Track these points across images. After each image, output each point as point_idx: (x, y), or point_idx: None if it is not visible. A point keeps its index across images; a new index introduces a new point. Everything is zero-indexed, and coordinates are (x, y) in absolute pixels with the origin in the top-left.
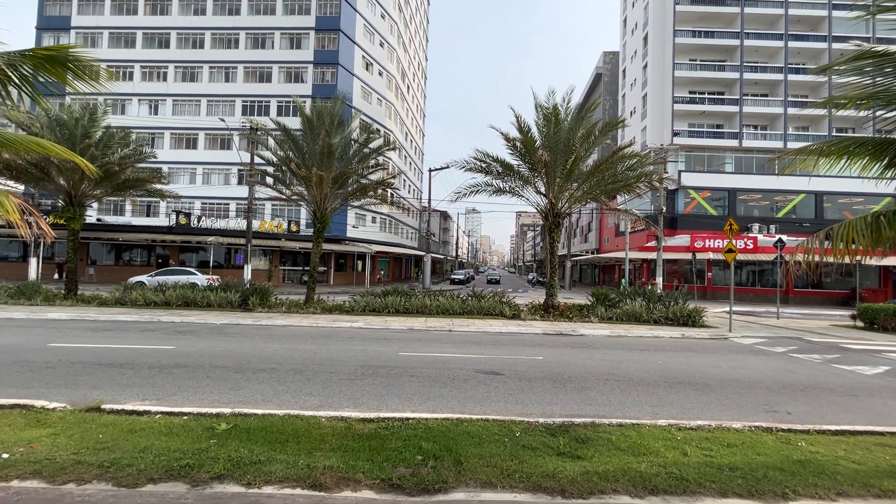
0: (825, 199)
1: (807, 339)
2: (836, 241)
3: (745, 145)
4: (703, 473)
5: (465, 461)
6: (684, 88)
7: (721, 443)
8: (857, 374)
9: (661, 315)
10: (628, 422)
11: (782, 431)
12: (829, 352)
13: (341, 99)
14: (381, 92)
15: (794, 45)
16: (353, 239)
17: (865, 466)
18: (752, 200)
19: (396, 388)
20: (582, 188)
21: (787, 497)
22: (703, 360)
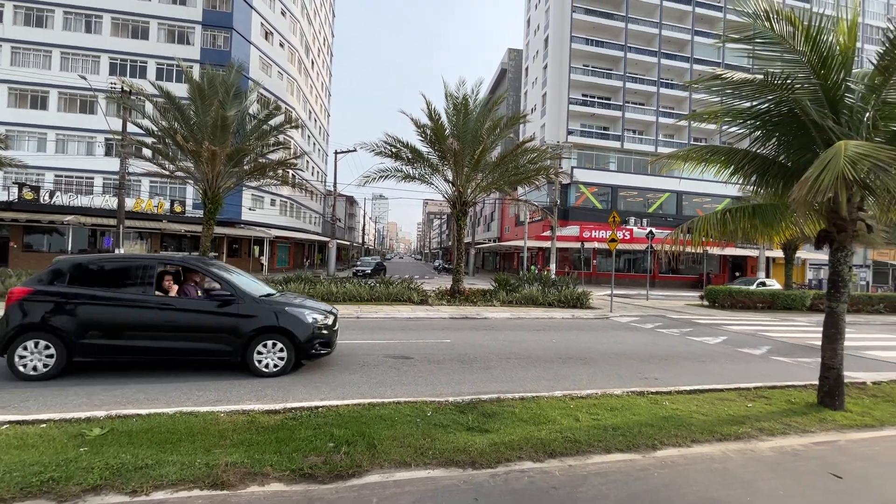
0: (684, 198)
1: (668, 316)
2: (696, 232)
3: (626, 147)
4: (592, 435)
5: (379, 444)
6: (578, 91)
7: (606, 407)
8: (704, 344)
9: (555, 298)
10: (529, 395)
11: (651, 394)
12: (685, 326)
13: (237, 68)
14: (282, 65)
15: (665, 62)
16: (249, 222)
17: (711, 417)
18: (630, 197)
19: (303, 377)
20: (488, 178)
21: (656, 447)
22: (589, 337)
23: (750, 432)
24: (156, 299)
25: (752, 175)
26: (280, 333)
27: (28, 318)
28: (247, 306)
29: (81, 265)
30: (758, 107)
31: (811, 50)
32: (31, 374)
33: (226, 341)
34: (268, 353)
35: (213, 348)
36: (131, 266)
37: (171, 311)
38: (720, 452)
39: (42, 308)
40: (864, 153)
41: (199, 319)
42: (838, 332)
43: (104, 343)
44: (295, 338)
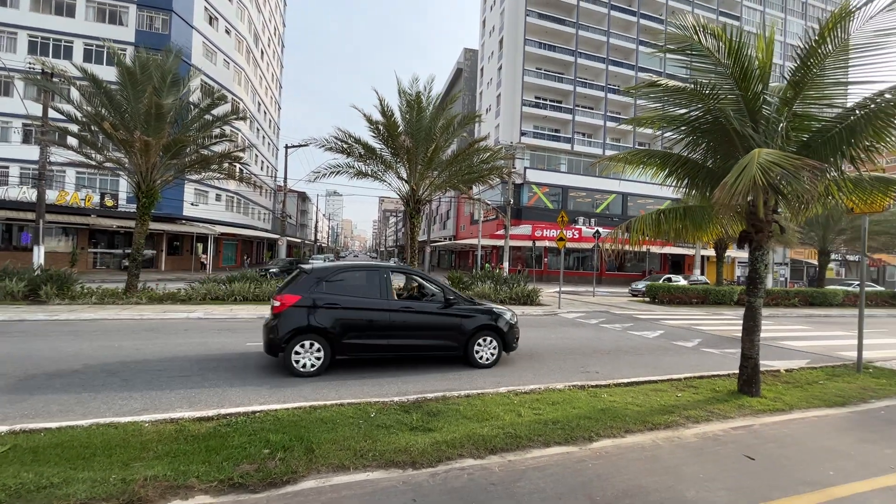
0: (629, 199)
1: (612, 312)
2: (634, 232)
3: (576, 149)
4: (532, 430)
5: (318, 448)
6: (531, 93)
7: (548, 402)
8: (643, 338)
9: (506, 296)
10: (475, 392)
11: (591, 387)
12: (626, 321)
13: (176, 52)
14: (228, 53)
15: (613, 69)
16: (191, 218)
17: (644, 407)
18: (580, 197)
19: (240, 380)
20: (442, 176)
21: (592, 439)
22: (538, 333)
23: (678, 420)
24: (398, 303)
25: (683, 178)
26: (493, 331)
27: (300, 323)
28: (466, 308)
29: (334, 271)
30: (689, 114)
31: (734, 63)
32: (302, 371)
33: (453, 338)
34: (483, 347)
35: (443, 344)
36: (374, 274)
37: (411, 313)
38: (650, 441)
39: (311, 312)
40: (774, 161)
41: (432, 320)
42: (755, 325)
43: (360, 342)
44: (504, 334)
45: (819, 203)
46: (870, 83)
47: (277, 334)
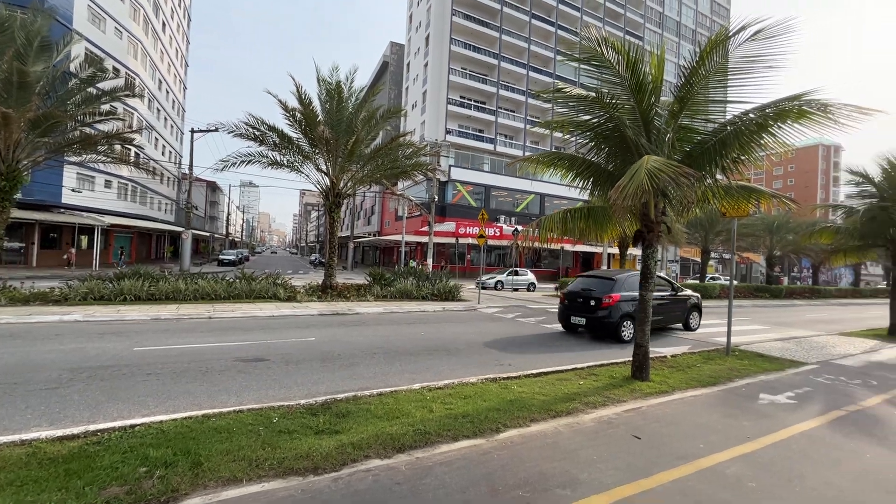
0: (546, 199)
1: (528, 306)
2: (543, 230)
3: (498, 150)
4: (443, 425)
5: (207, 461)
6: (457, 93)
7: (460, 396)
8: (555, 331)
9: (429, 292)
10: (388, 390)
11: (503, 380)
12: (540, 315)
13: (45, 11)
14: (121, 21)
15: (533, 75)
16: (73, 207)
17: (549, 396)
18: (502, 196)
19: (124, 391)
20: (364, 170)
21: (500, 430)
22: (457, 329)
23: (578, 407)
24: (664, 294)
25: (588, 180)
26: (697, 309)
27: (625, 311)
28: (684, 295)
29: (630, 278)
30: (592, 120)
31: (631, 76)
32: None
33: (679, 316)
34: (693, 320)
35: (677, 319)
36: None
37: (666, 300)
38: (553, 428)
39: (629, 305)
40: (659, 167)
41: (673, 305)
42: (646, 316)
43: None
44: (701, 311)
45: (698, 207)
46: (740, 103)
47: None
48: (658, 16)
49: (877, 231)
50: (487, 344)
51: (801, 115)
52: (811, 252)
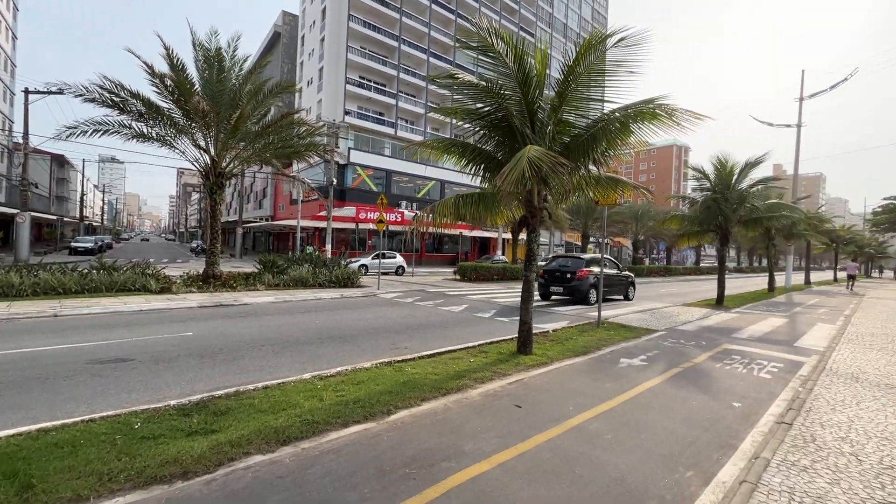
0: (447, 186)
1: (427, 290)
2: (436, 215)
3: (399, 135)
4: (332, 413)
5: (42, 482)
6: (356, 72)
7: (353, 382)
8: (451, 312)
9: (326, 279)
10: (275, 382)
11: (398, 363)
12: (438, 298)
13: None
14: None
15: (434, 61)
16: None
17: (441, 375)
18: (403, 182)
19: None
20: (251, 148)
21: (391, 412)
22: (354, 315)
23: (467, 383)
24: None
25: (480, 167)
26: (632, 285)
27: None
28: (625, 274)
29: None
30: (484, 109)
31: (518, 68)
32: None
33: (622, 290)
34: (630, 293)
35: (620, 292)
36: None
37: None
38: (443, 406)
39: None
40: (539, 157)
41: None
42: (530, 294)
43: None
44: (635, 286)
45: (574, 195)
46: (610, 102)
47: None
48: (548, 16)
49: (710, 218)
50: (385, 329)
51: (653, 117)
52: (665, 236)
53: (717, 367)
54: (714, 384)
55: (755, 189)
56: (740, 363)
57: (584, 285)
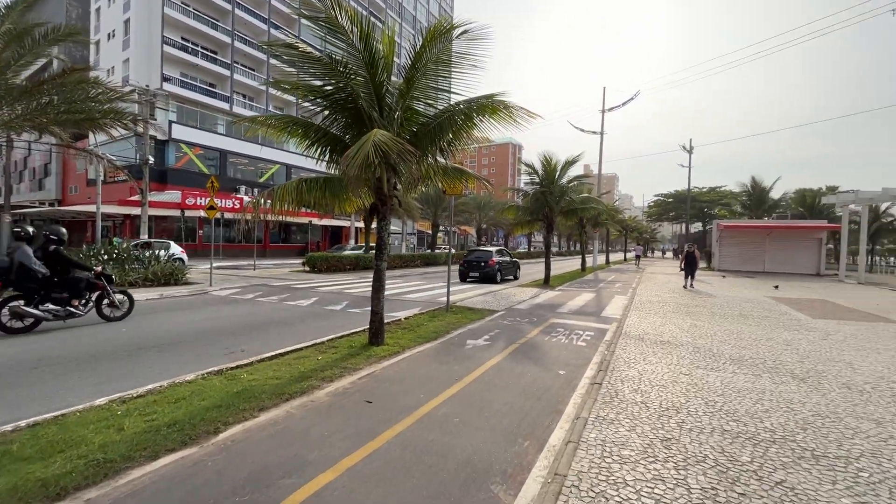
0: (293, 171)
1: (271, 284)
2: (276, 200)
3: (236, 111)
4: (136, 444)
5: None
6: (177, 32)
7: (169, 401)
8: (298, 307)
9: (139, 276)
10: (52, 415)
11: (231, 370)
12: (284, 293)
13: None
14: None
15: (275, 33)
16: None
17: (284, 378)
18: (242, 164)
19: None
20: (15, 109)
21: (219, 430)
22: (178, 319)
23: (314, 384)
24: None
25: (326, 149)
26: (519, 268)
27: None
28: (514, 260)
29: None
30: (328, 88)
31: (364, 48)
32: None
33: (513, 271)
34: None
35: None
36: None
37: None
38: (284, 413)
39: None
40: (385, 141)
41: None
42: (381, 284)
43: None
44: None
45: (423, 184)
46: (456, 94)
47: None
48: (398, 6)
49: (539, 209)
50: (217, 331)
51: (494, 111)
52: (503, 225)
53: (546, 340)
54: (544, 356)
55: (572, 184)
56: (563, 335)
57: (493, 270)
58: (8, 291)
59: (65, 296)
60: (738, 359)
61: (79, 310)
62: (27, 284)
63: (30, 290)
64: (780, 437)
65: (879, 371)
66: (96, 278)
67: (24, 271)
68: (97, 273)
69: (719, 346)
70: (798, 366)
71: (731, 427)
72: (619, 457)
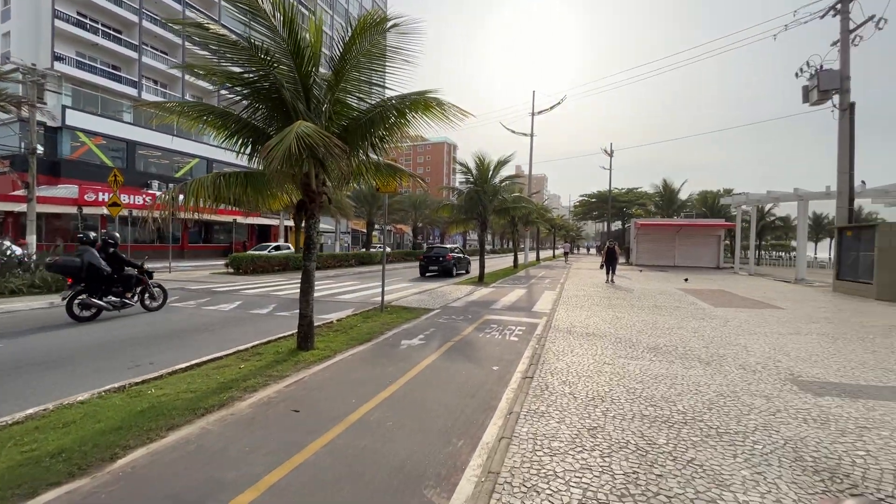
0: (216, 166)
1: (189, 288)
2: (189, 196)
3: (145, 97)
4: (8, 481)
5: None
6: (72, 6)
7: (56, 426)
8: (219, 312)
9: (24, 283)
10: None
11: (135, 385)
12: (204, 297)
13: None
14: None
15: (192, 15)
16: None
17: (199, 392)
18: (154, 157)
19: None
20: None
21: (116, 457)
22: (76, 329)
23: (235, 395)
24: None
25: (248, 142)
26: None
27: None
28: (466, 256)
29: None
30: (248, 75)
31: (289, 35)
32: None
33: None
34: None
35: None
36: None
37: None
38: (199, 429)
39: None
40: (309, 133)
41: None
42: (310, 286)
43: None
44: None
45: (355, 180)
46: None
47: None
48: None
49: (473, 207)
50: (123, 342)
51: (427, 108)
52: (439, 223)
53: (481, 337)
54: (478, 353)
55: (504, 184)
56: (497, 330)
57: (449, 264)
58: (77, 287)
59: (120, 289)
60: (654, 347)
61: (131, 301)
62: (95, 281)
63: (96, 285)
64: (691, 418)
65: (767, 352)
66: (140, 274)
67: (94, 270)
68: (141, 269)
69: (638, 335)
70: (704, 351)
71: (649, 412)
72: (550, 449)
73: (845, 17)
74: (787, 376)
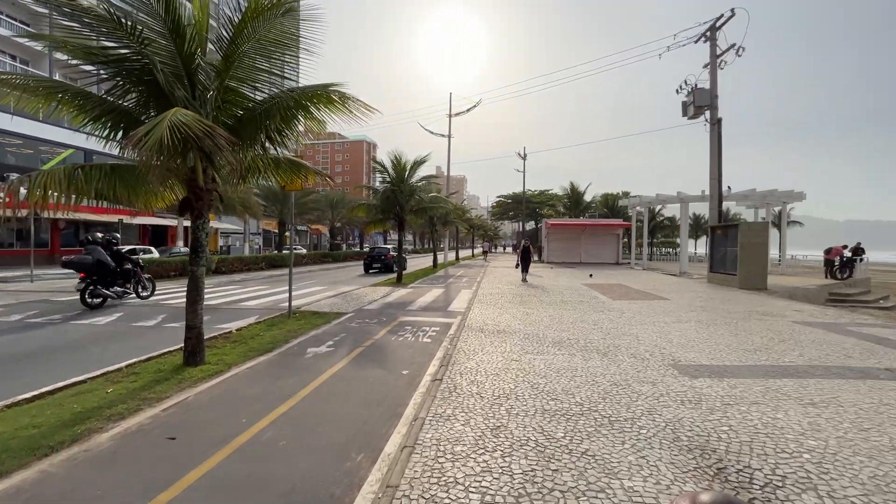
0: (96, 157)
1: (54, 299)
2: (34, 190)
3: None
4: None
5: None
6: None
7: None
8: (93, 326)
9: None
10: None
11: None
12: (73, 309)
13: None
14: None
15: None
16: None
17: (47, 426)
18: (13, 146)
19: None
20: None
21: None
22: None
23: (94, 426)
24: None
25: (116, 129)
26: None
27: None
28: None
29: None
30: (113, 50)
31: (166, 10)
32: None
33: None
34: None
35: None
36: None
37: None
38: (37, 474)
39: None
40: (186, 122)
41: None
42: (199, 294)
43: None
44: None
45: (252, 177)
46: (286, 78)
47: None
48: None
49: (390, 207)
50: None
51: (329, 101)
52: (358, 223)
53: (393, 340)
54: (389, 357)
55: (421, 184)
56: (410, 332)
57: (390, 262)
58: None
59: (121, 281)
60: (558, 341)
61: (129, 291)
62: (103, 276)
63: (104, 279)
64: (587, 409)
65: (654, 340)
66: (135, 268)
67: (102, 266)
68: (136, 264)
69: (545, 331)
70: (601, 342)
71: (550, 406)
72: (452, 454)
73: (713, 44)
74: (669, 362)
